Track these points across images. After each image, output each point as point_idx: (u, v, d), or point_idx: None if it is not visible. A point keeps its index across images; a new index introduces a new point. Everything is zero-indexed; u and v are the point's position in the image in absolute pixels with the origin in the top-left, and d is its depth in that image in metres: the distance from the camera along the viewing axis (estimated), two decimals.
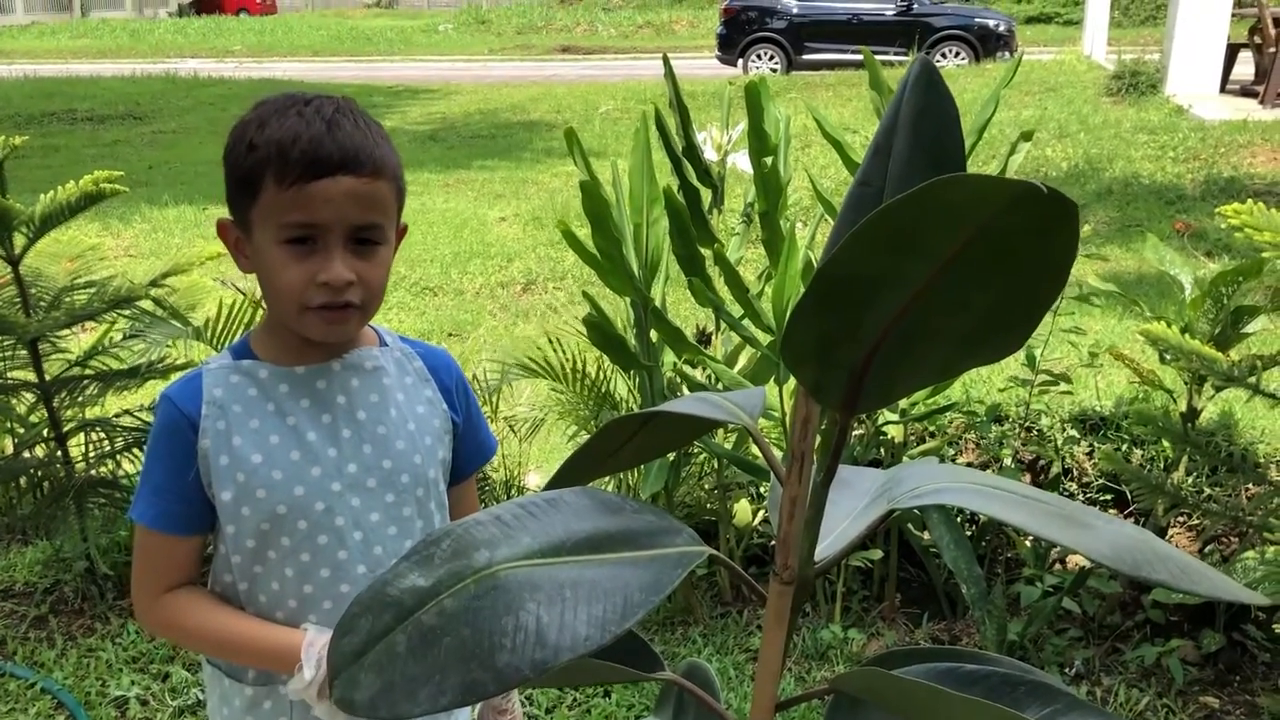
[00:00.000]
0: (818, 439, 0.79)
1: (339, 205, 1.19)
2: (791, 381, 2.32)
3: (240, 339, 1.33)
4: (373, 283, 1.25)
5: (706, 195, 2.84)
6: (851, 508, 0.91)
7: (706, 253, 2.70)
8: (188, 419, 1.26)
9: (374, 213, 1.22)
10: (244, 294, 3.06)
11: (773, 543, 0.83)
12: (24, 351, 2.90)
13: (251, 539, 1.27)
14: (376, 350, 1.35)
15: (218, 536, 1.30)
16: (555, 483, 0.86)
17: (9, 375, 2.94)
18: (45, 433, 3.15)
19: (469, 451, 1.43)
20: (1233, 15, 11.55)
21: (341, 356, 1.31)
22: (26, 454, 3.28)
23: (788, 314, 1.73)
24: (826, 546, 0.86)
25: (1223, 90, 11.56)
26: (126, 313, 2.97)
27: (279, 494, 1.26)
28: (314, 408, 1.28)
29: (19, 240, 2.83)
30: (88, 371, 2.99)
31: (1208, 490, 3.09)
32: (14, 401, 3.25)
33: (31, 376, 2.92)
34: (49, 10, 37.33)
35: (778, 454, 0.79)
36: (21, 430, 3.36)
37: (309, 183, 1.18)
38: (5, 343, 2.90)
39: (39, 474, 3.37)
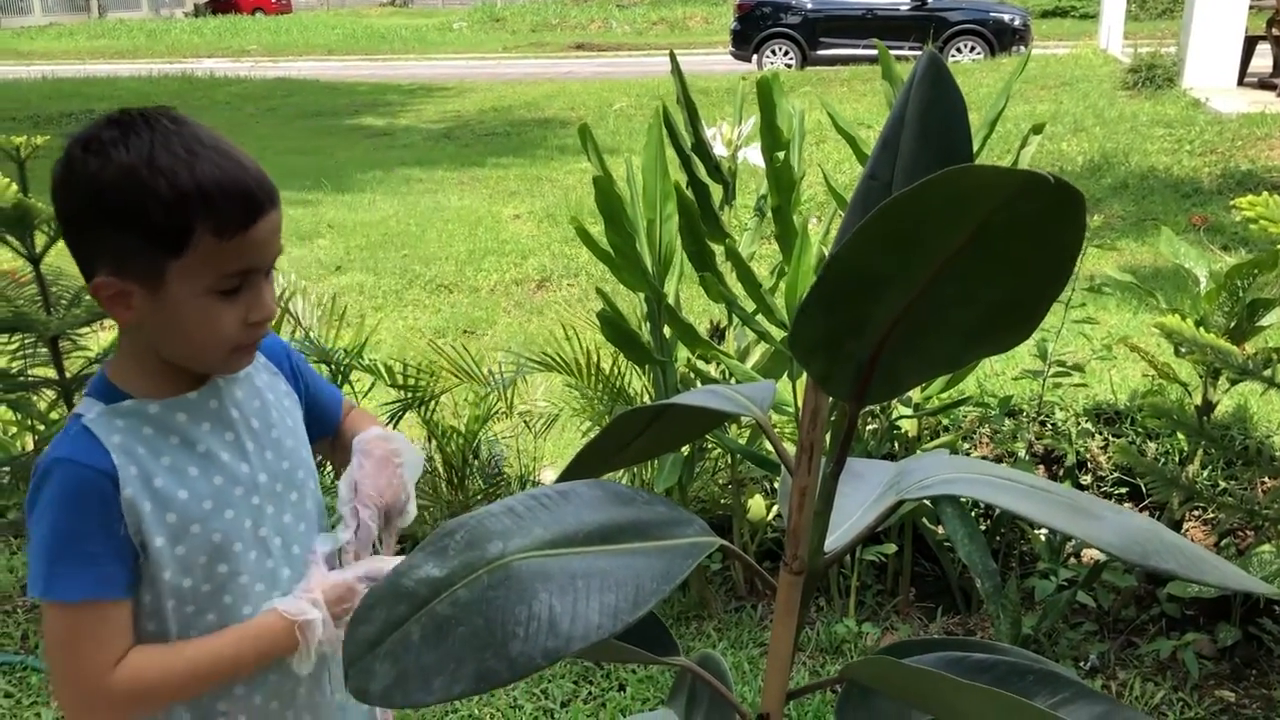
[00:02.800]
0: (827, 431, 0.79)
1: (269, 243, 1.17)
2: (804, 375, 2.34)
3: (95, 384, 1.22)
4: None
5: (717, 191, 2.85)
6: (862, 499, 0.92)
7: (718, 248, 2.71)
8: (103, 473, 1.15)
9: (279, 239, 1.21)
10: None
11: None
12: (45, 349, 2.93)
13: (188, 578, 1.20)
14: None
15: (141, 588, 1.20)
16: (568, 475, 0.87)
17: (30, 372, 2.96)
18: None
19: (325, 404, 1.43)
20: (1250, 7, 11.47)
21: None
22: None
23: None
24: (837, 538, 0.87)
25: (1240, 83, 11.49)
26: None
27: (213, 523, 1.21)
28: (215, 428, 1.24)
29: (40, 239, 2.86)
30: None
31: (1223, 484, 3.08)
32: (35, 398, 3.28)
33: (52, 373, 2.95)
34: (66, 11, 37.54)
35: (791, 448, 0.80)
36: (42, 427, 3.39)
37: (248, 229, 1.13)
38: (26, 340, 2.93)
39: None
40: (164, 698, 1.20)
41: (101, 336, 3.27)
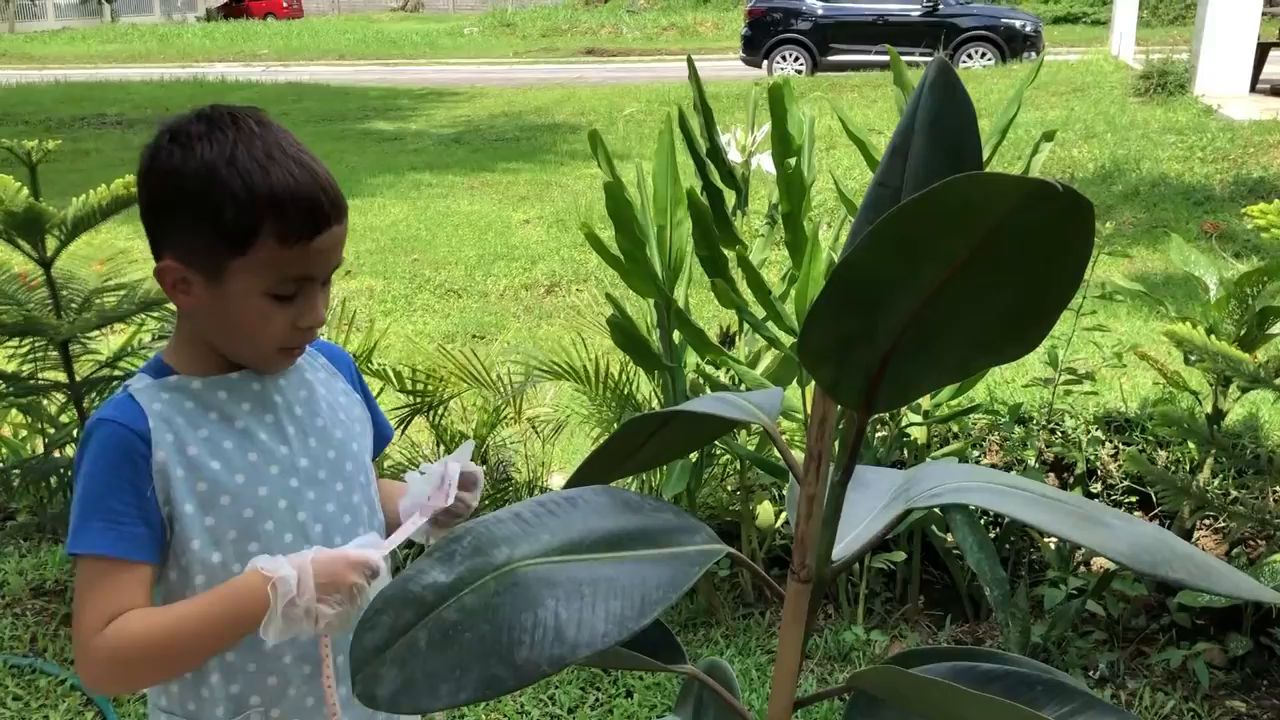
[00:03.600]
0: (836, 439, 0.79)
1: (330, 255, 1.22)
2: (813, 382, 2.34)
3: (149, 363, 1.28)
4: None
5: (730, 197, 2.85)
6: (871, 507, 0.92)
7: (730, 254, 2.71)
8: (138, 435, 1.20)
9: (342, 251, 1.26)
10: None
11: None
12: (55, 352, 2.94)
13: (217, 552, 1.22)
14: None
15: (168, 564, 1.23)
16: (575, 481, 0.87)
17: (40, 376, 2.98)
18: (75, 433, 3.19)
19: (374, 438, 1.45)
20: (1263, 14, 11.44)
21: None
22: (57, 453, 3.32)
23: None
24: (845, 546, 0.86)
25: (1253, 90, 11.46)
26: (155, 314, 3.00)
27: (245, 498, 1.23)
28: (255, 409, 1.27)
29: (51, 243, 2.87)
30: (117, 372, 3.02)
31: (1234, 492, 3.06)
32: (45, 402, 3.30)
33: (62, 377, 2.96)
34: (79, 15, 37.74)
35: (800, 455, 0.80)
36: (52, 430, 3.40)
37: (312, 239, 1.18)
38: (37, 344, 2.94)
39: (69, 474, 3.41)
40: (146, 662, 1.17)
41: (111, 340, 3.28)
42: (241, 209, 1.15)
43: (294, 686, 1.28)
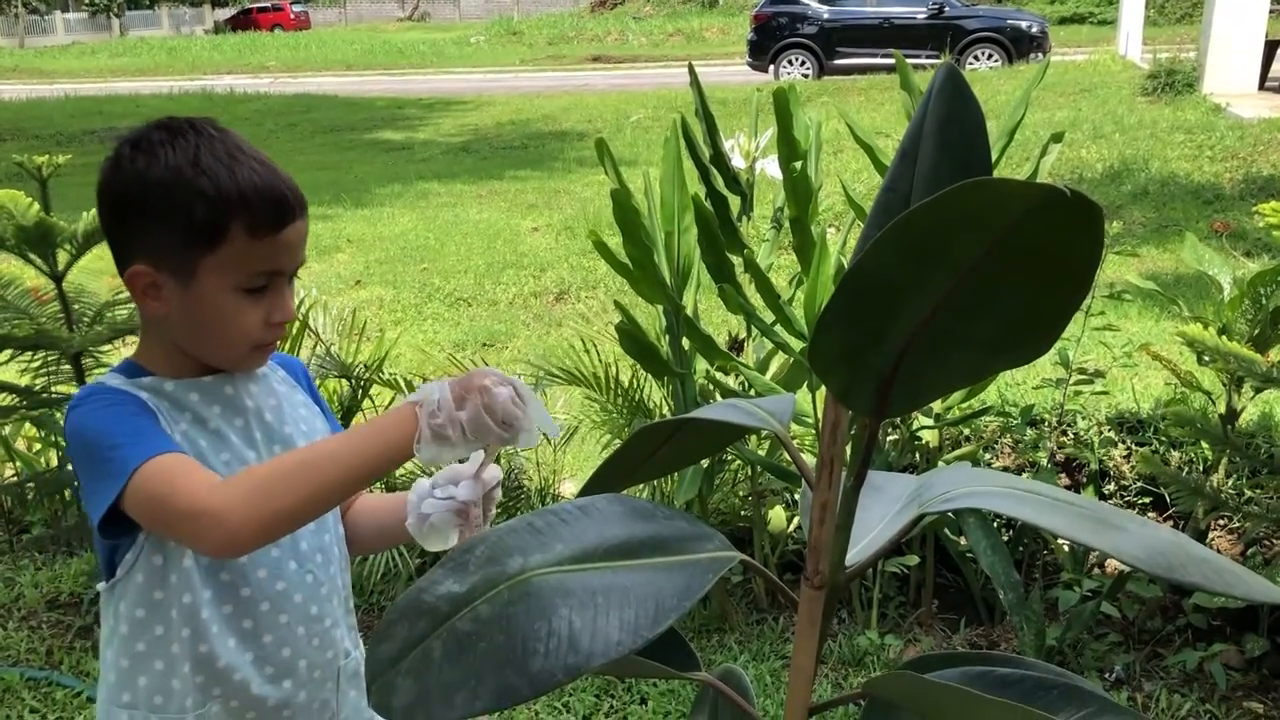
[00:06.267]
0: (848, 444, 0.79)
1: (296, 249, 1.25)
2: (824, 387, 2.33)
3: (121, 364, 1.29)
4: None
5: (735, 202, 2.85)
6: (883, 513, 0.92)
7: (737, 260, 2.71)
8: (138, 399, 1.22)
9: (304, 249, 1.28)
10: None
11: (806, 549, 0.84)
12: (67, 366, 2.95)
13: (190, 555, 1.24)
14: None
15: (144, 559, 1.23)
16: (588, 490, 0.87)
17: (53, 390, 2.99)
18: None
19: None
20: (1270, 11, 11.41)
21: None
22: (70, 467, 3.33)
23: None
24: (858, 552, 0.86)
25: (1262, 87, 11.42)
26: None
27: None
28: (226, 413, 1.28)
29: (62, 257, 2.89)
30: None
31: (1248, 492, 3.05)
32: (58, 415, 3.31)
33: (75, 390, 2.97)
34: (88, 30, 37.96)
35: (811, 460, 0.80)
36: (65, 444, 3.41)
37: (279, 231, 1.21)
38: (50, 357, 2.95)
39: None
40: (284, 491, 1.12)
41: (124, 353, 3.29)
42: (211, 206, 1.17)
43: (255, 685, 1.28)
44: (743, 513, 3.14)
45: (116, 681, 1.28)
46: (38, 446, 3.66)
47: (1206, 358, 2.51)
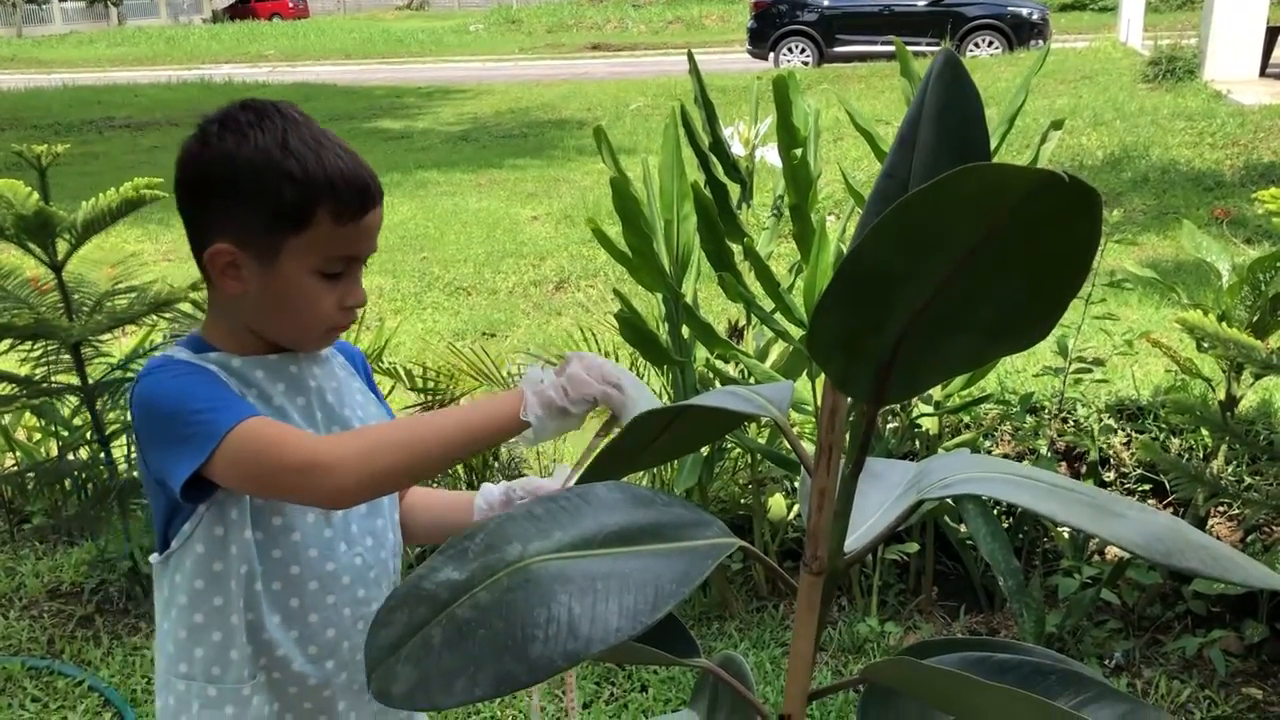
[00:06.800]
0: (846, 431, 0.79)
1: (373, 235, 1.27)
2: (824, 375, 2.34)
3: (188, 338, 1.31)
4: None
5: (735, 190, 2.84)
6: (882, 500, 0.92)
7: (736, 247, 2.71)
8: (210, 370, 1.24)
9: (378, 235, 1.31)
10: None
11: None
12: (67, 355, 2.95)
13: (251, 528, 1.26)
14: None
15: (196, 536, 1.25)
16: (587, 477, 0.87)
17: (53, 379, 2.99)
18: (88, 436, 3.20)
19: None
20: None
21: None
22: (70, 456, 3.34)
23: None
24: (857, 538, 0.86)
25: (1263, 74, 11.40)
26: (167, 316, 3.01)
27: None
28: (289, 391, 1.29)
29: (62, 246, 2.88)
30: (129, 374, 3.04)
31: (1248, 479, 3.06)
32: (58, 405, 3.31)
33: (75, 380, 2.97)
34: (86, 19, 37.88)
35: (811, 447, 0.80)
36: (65, 433, 3.42)
37: (361, 218, 1.23)
38: (49, 347, 2.95)
39: (83, 476, 3.43)
40: (392, 450, 1.16)
41: (123, 343, 3.30)
42: (300, 189, 1.19)
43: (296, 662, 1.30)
44: (742, 500, 3.14)
45: (175, 652, 1.30)
46: (38, 436, 3.67)
47: (1206, 344, 2.51)
